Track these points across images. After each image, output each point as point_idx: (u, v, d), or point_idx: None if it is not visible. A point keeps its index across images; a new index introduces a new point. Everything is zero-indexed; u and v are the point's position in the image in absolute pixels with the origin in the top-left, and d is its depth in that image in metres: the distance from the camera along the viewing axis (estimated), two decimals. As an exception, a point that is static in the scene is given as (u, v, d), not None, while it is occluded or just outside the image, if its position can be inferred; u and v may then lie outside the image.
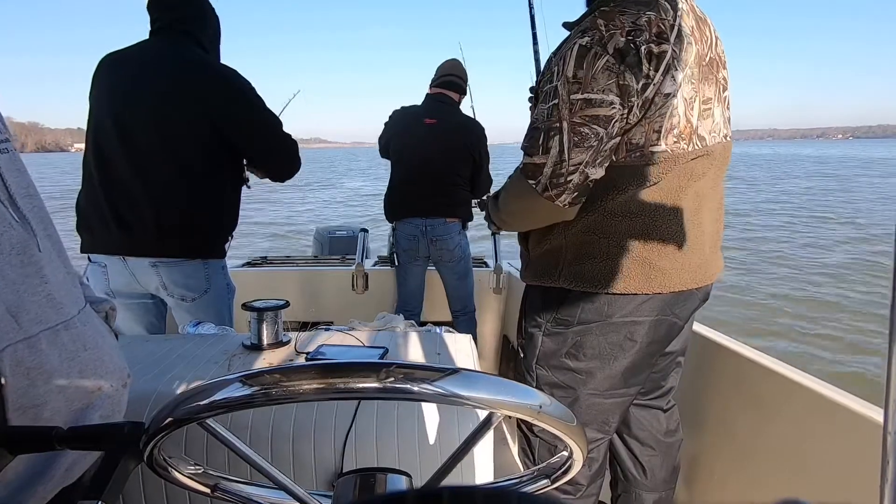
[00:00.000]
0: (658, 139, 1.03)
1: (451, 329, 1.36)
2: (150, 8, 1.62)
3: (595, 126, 0.99)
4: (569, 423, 0.49)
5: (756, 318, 5.72)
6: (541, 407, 0.46)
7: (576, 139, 1.00)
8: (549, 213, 1.10)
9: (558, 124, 1.01)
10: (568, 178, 1.02)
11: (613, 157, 1.05)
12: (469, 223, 2.73)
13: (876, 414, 1.01)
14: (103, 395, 0.66)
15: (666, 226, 1.09)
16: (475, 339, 1.29)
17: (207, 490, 0.59)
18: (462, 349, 1.18)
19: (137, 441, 0.49)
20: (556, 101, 1.01)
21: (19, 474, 0.59)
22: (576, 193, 1.04)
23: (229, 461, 0.87)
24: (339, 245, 3.70)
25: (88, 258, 1.64)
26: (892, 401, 0.36)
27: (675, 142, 1.04)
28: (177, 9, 1.60)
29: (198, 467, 0.59)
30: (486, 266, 2.95)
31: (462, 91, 2.70)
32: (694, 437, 1.44)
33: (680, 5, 1.05)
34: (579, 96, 0.99)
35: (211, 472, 0.60)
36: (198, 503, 0.91)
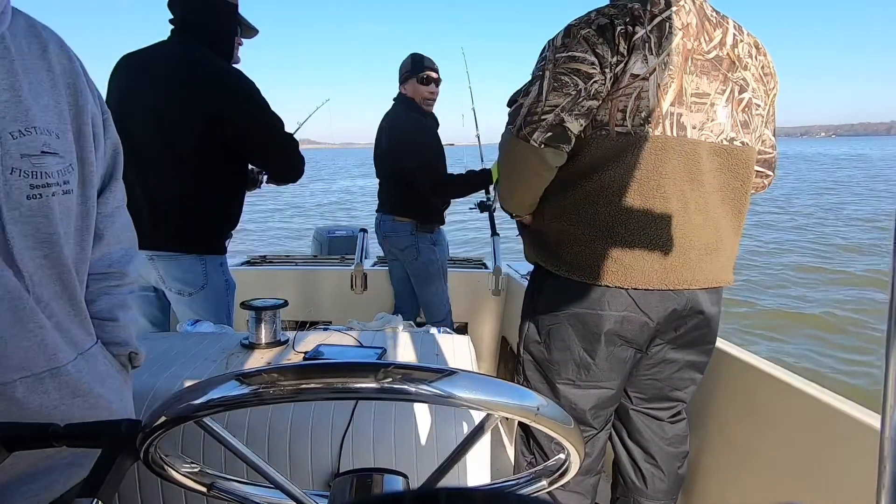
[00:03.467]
0: (623, 119, 1.07)
1: (448, 330, 1.36)
2: (170, 9, 1.65)
3: (575, 77, 1.06)
4: (566, 425, 0.49)
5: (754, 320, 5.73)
6: (538, 409, 0.46)
7: (555, 84, 1.08)
8: (526, 158, 1.13)
9: (541, 73, 1.10)
10: (542, 117, 1.08)
11: (582, 135, 1.10)
12: (431, 227, 2.56)
13: (873, 419, 1.01)
14: None
15: (633, 222, 1.09)
16: None
17: (204, 489, 0.59)
18: (460, 350, 1.18)
19: (134, 439, 0.49)
20: (542, 62, 1.11)
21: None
22: (549, 134, 1.09)
23: (226, 460, 0.87)
24: (338, 245, 3.71)
25: None
26: (888, 406, 0.36)
27: (640, 124, 1.07)
28: (184, 9, 1.62)
29: (194, 466, 0.59)
30: (485, 268, 2.94)
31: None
32: (696, 442, 1.44)
33: (681, 2, 1.08)
34: (564, 54, 1.08)
35: (207, 471, 0.60)
36: (194, 502, 0.90)
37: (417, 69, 2.49)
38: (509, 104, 1.17)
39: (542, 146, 1.10)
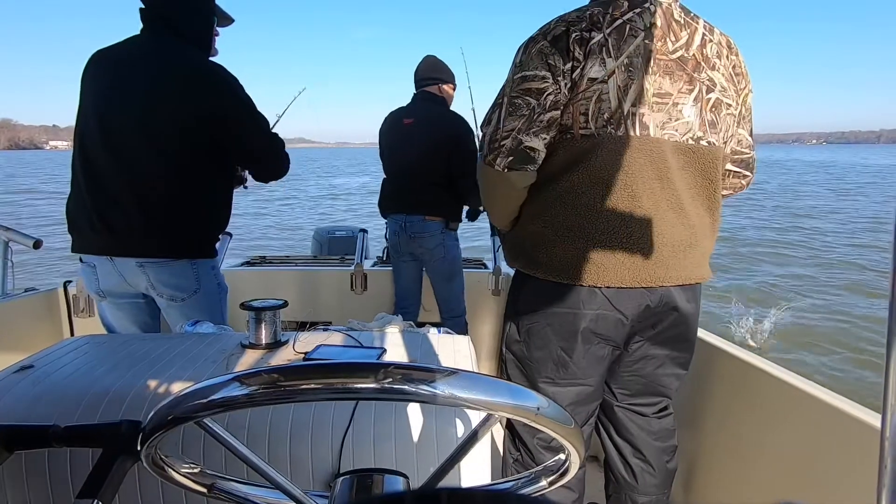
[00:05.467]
0: (586, 122, 1.10)
1: (449, 330, 1.36)
2: (142, 1, 1.58)
3: (527, 97, 1.11)
4: (566, 425, 0.49)
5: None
6: (538, 409, 0.46)
7: (510, 109, 1.13)
8: (495, 182, 1.19)
9: (500, 100, 1.16)
10: (501, 143, 1.14)
11: (545, 136, 1.12)
12: (456, 224, 2.68)
13: (873, 419, 1.01)
14: None
15: (603, 221, 1.11)
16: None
17: (204, 489, 0.59)
18: (460, 351, 1.18)
19: (134, 440, 0.49)
20: (504, 84, 1.17)
21: None
22: (510, 158, 1.14)
23: (226, 461, 0.87)
24: (338, 245, 3.71)
25: (80, 258, 1.63)
26: (889, 405, 0.36)
27: (602, 126, 1.10)
28: (167, 4, 1.56)
29: (195, 467, 0.59)
30: (485, 267, 2.94)
31: (442, 80, 2.66)
32: (691, 440, 1.44)
33: (646, 5, 1.10)
34: (518, 75, 1.13)
35: (208, 472, 0.60)
36: (194, 503, 0.90)
37: (454, 77, 2.70)
38: (479, 129, 1.21)
39: (506, 170, 1.15)
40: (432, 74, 2.64)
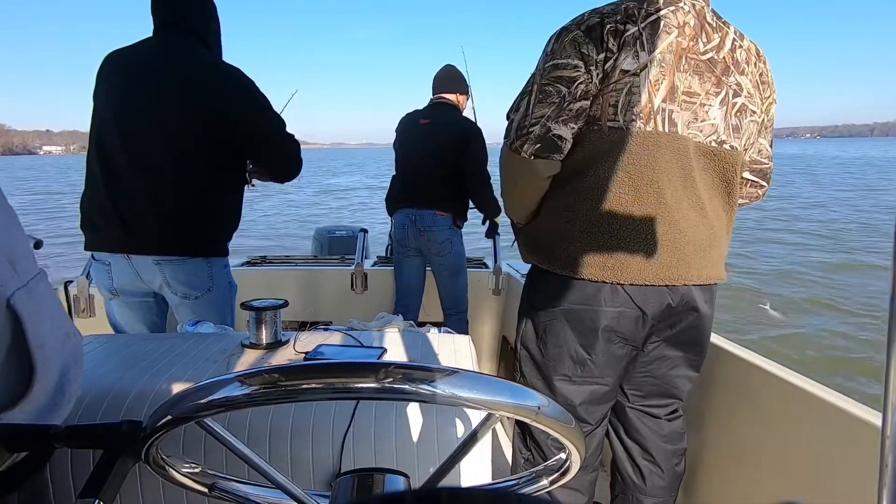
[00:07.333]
0: (615, 114, 1.09)
1: (449, 330, 1.36)
2: (153, 5, 1.61)
3: (558, 85, 1.10)
4: (567, 425, 0.49)
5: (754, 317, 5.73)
6: (539, 408, 0.46)
7: (540, 96, 1.12)
8: (519, 169, 1.18)
9: (530, 87, 1.14)
10: (530, 130, 1.13)
11: (574, 126, 1.11)
12: (462, 222, 2.78)
13: (875, 417, 1.01)
14: (72, 338, 0.68)
15: (628, 217, 1.10)
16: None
17: (205, 489, 0.59)
18: (461, 350, 1.18)
19: (135, 440, 0.49)
20: (535, 71, 1.15)
21: None
22: (538, 145, 1.12)
23: (227, 460, 0.87)
24: (338, 245, 3.71)
25: (92, 256, 1.64)
26: (890, 405, 0.36)
27: (631, 119, 1.08)
28: (180, 6, 1.59)
29: (195, 466, 0.59)
30: (486, 267, 2.95)
31: (458, 91, 2.81)
32: (694, 440, 1.44)
33: (680, 4, 1.09)
34: (549, 63, 1.12)
35: (209, 472, 0.60)
36: (195, 502, 0.90)
37: (468, 89, 2.86)
38: (507, 117, 1.20)
39: (533, 157, 1.14)
40: (450, 84, 2.80)
